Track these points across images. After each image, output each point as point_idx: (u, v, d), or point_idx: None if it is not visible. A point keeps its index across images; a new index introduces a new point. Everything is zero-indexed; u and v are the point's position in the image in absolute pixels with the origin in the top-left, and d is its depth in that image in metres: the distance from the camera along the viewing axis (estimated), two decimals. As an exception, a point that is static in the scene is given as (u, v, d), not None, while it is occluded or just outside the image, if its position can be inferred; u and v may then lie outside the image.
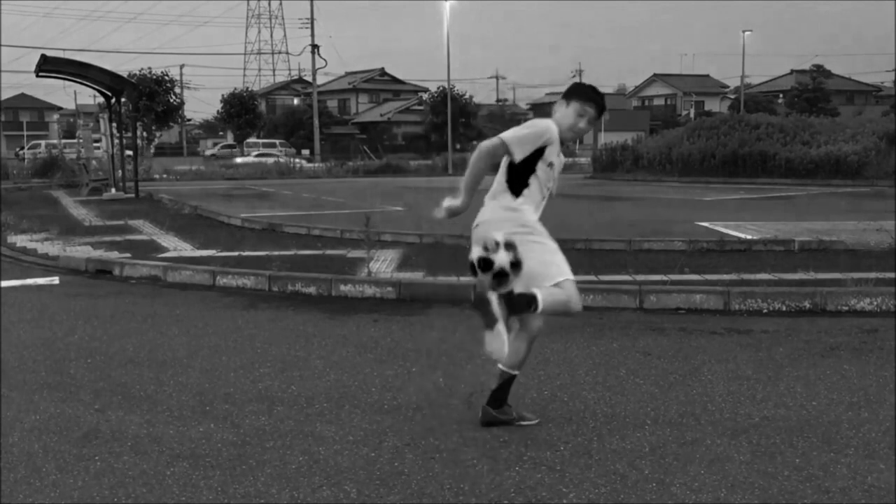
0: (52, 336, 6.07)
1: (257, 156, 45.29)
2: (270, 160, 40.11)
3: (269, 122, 63.66)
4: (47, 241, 11.21)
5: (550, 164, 3.92)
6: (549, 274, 3.81)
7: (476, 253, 3.60)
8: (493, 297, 3.67)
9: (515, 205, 3.90)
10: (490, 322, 3.68)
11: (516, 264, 3.57)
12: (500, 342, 3.67)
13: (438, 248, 10.07)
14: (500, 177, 3.95)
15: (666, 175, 27.87)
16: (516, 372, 4.07)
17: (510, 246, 3.57)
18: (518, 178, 3.90)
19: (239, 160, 42.64)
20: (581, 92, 4.06)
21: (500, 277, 3.57)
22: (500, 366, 4.04)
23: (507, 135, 3.88)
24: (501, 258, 3.54)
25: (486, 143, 3.88)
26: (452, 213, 3.83)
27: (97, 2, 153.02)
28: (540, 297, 3.72)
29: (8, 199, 18.77)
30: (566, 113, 4.00)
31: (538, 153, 3.86)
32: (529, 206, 3.92)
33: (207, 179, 30.82)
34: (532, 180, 3.90)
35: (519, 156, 3.83)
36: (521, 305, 3.72)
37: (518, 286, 3.69)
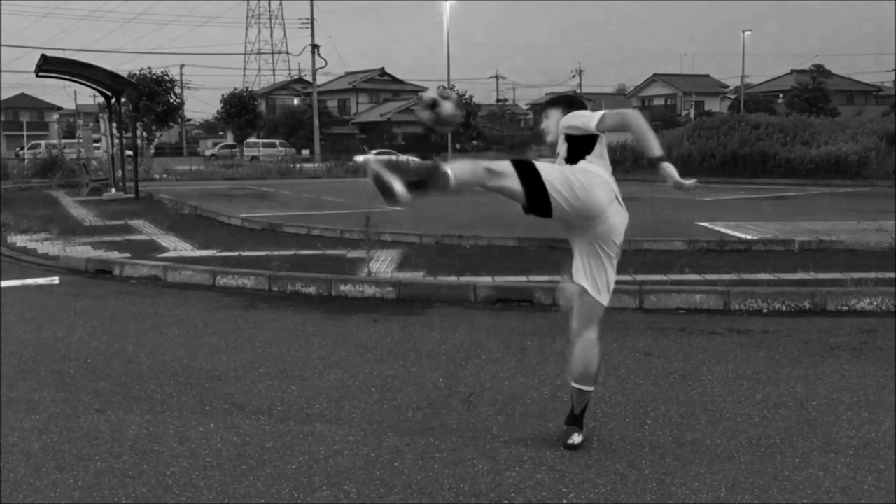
0: (52, 336, 6.07)
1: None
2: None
3: (269, 122, 63.64)
4: (47, 241, 11.20)
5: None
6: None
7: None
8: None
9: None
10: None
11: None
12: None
13: (438, 248, 10.07)
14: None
15: (666, 175, 27.85)
16: (591, 388, 3.93)
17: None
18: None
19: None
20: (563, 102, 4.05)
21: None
22: (574, 384, 3.90)
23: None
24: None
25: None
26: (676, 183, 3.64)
27: (97, 2, 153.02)
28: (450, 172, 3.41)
29: (8, 199, 18.76)
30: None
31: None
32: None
33: (207, 179, 30.79)
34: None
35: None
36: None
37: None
